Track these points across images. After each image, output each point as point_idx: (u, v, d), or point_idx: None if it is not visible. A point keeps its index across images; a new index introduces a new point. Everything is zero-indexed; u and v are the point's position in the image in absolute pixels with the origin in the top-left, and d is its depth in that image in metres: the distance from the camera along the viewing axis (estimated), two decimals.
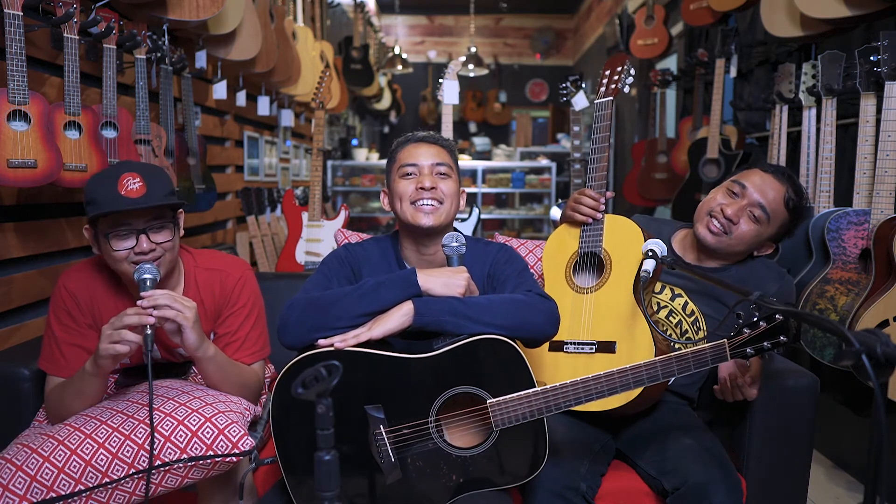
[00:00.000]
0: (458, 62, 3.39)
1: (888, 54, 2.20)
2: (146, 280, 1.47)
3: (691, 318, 1.83)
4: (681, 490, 1.56)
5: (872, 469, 0.98)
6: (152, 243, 1.53)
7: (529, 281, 1.59)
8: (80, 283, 1.64)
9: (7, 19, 1.76)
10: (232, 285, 1.70)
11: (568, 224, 1.89)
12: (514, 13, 9.92)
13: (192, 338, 1.47)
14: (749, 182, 1.81)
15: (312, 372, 0.91)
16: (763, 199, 1.78)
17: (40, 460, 1.37)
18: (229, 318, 1.70)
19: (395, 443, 1.40)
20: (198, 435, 1.42)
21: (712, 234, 1.81)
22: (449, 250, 1.56)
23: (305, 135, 5.66)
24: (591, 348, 1.74)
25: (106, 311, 1.62)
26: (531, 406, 1.39)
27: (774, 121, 3.21)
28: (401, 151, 1.67)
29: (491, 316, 1.42)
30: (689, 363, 1.43)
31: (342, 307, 1.44)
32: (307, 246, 3.73)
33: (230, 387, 1.61)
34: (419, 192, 1.59)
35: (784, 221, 1.82)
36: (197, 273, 1.70)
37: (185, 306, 1.46)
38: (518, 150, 8.27)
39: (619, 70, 1.92)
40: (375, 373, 1.39)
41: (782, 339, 1.39)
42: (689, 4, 4.06)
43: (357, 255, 1.66)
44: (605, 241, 1.80)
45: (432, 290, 1.46)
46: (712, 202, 1.83)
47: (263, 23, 3.50)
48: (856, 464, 2.68)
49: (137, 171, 1.51)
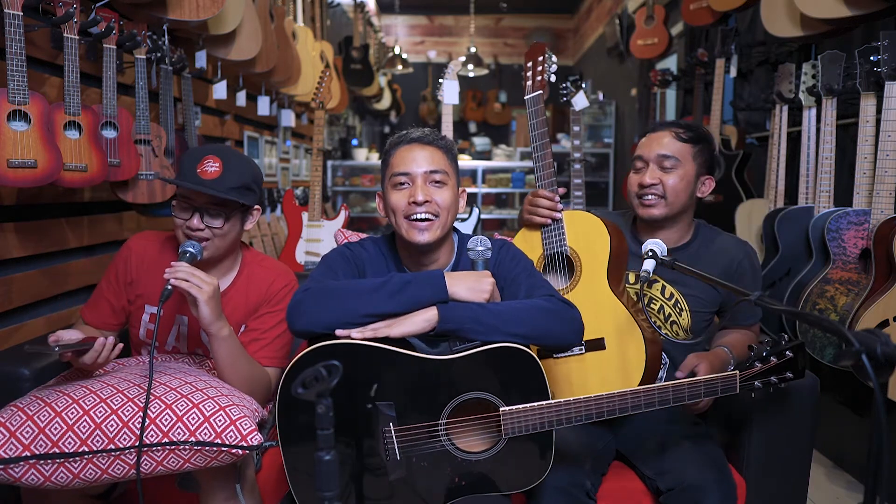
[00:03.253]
0: (458, 62, 3.39)
1: (888, 54, 2.20)
2: (186, 252, 1.59)
3: (671, 300, 1.84)
4: (674, 490, 1.57)
5: (872, 469, 0.98)
6: (202, 224, 1.63)
7: (542, 282, 1.57)
8: (142, 246, 1.77)
9: (7, 19, 1.76)
10: (278, 288, 1.77)
11: (527, 228, 1.89)
12: (514, 13, 9.91)
13: (205, 311, 1.52)
14: (642, 150, 1.87)
15: (312, 372, 0.91)
16: (660, 150, 1.83)
17: (52, 414, 1.38)
18: (265, 315, 1.75)
19: (402, 442, 1.39)
20: (210, 421, 1.42)
21: (651, 207, 1.83)
22: (475, 254, 1.54)
23: (305, 135, 5.66)
24: (580, 349, 1.74)
25: (148, 282, 1.74)
26: (543, 417, 1.39)
27: (774, 121, 3.21)
28: (394, 155, 1.59)
29: (515, 325, 1.40)
30: (699, 391, 1.49)
31: (366, 302, 1.41)
32: (307, 246, 3.73)
33: (237, 376, 1.61)
34: (412, 206, 1.52)
35: (695, 151, 1.84)
36: (253, 268, 1.79)
37: (204, 281, 1.52)
38: (518, 150, 8.27)
39: (541, 60, 1.89)
40: (391, 370, 1.38)
41: (788, 375, 1.49)
42: (689, 4, 4.06)
43: (360, 255, 1.63)
44: (570, 239, 1.80)
45: (457, 295, 1.44)
46: (632, 186, 1.88)
47: (263, 23, 3.50)
48: (856, 464, 2.68)
49: (220, 156, 1.63)
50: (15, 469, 1.35)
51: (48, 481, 1.37)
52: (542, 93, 1.87)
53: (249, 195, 1.67)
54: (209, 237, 1.64)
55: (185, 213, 1.63)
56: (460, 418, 1.42)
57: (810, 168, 2.92)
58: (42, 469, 1.36)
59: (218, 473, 1.51)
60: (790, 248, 2.78)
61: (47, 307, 2.25)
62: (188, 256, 1.58)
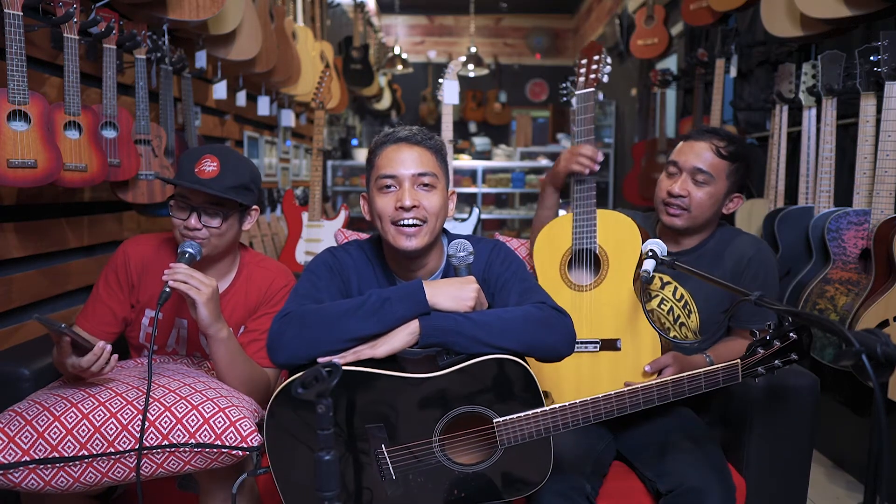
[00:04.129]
0: (458, 62, 3.39)
1: (888, 54, 2.20)
2: (185, 253, 1.57)
3: (681, 302, 1.83)
4: (674, 492, 1.56)
5: (872, 469, 0.98)
6: (200, 224, 1.61)
7: (535, 287, 1.52)
8: (139, 250, 1.73)
9: (7, 19, 1.76)
10: (278, 288, 1.76)
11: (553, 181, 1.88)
12: (514, 13, 9.92)
13: (204, 313, 1.50)
14: (678, 156, 1.85)
15: (312, 372, 0.92)
16: (696, 163, 1.81)
17: (51, 419, 1.38)
18: (265, 316, 1.73)
19: (396, 462, 1.37)
20: (209, 423, 1.41)
21: (675, 217, 1.83)
22: (456, 261, 1.47)
23: (305, 135, 5.66)
24: (594, 346, 1.74)
25: (150, 285, 1.71)
26: (539, 425, 1.36)
27: (774, 121, 3.21)
28: (379, 156, 1.50)
29: (501, 337, 1.35)
30: (700, 383, 1.44)
31: (345, 326, 1.36)
32: (307, 246, 3.73)
33: (236, 377, 1.60)
34: (399, 211, 1.45)
35: (731, 170, 1.82)
36: (252, 269, 1.78)
37: (203, 283, 1.50)
38: (518, 150, 8.27)
39: (596, 59, 1.89)
40: (378, 392, 1.35)
41: (793, 356, 1.41)
42: (689, 4, 4.06)
43: (345, 263, 1.57)
44: (600, 237, 1.79)
45: (439, 305, 1.38)
46: (660, 191, 1.87)
47: (263, 23, 3.50)
48: (856, 464, 2.68)
49: (218, 156, 1.62)
50: (14, 474, 1.34)
51: (48, 486, 1.37)
52: (594, 91, 1.87)
53: (247, 195, 1.66)
54: (207, 237, 1.63)
55: (183, 212, 1.62)
56: (455, 433, 1.39)
57: (810, 168, 2.92)
58: (42, 474, 1.36)
59: (217, 474, 1.50)
60: (790, 248, 2.78)
61: (47, 307, 2.25)
62: (187, 257, 1.57)
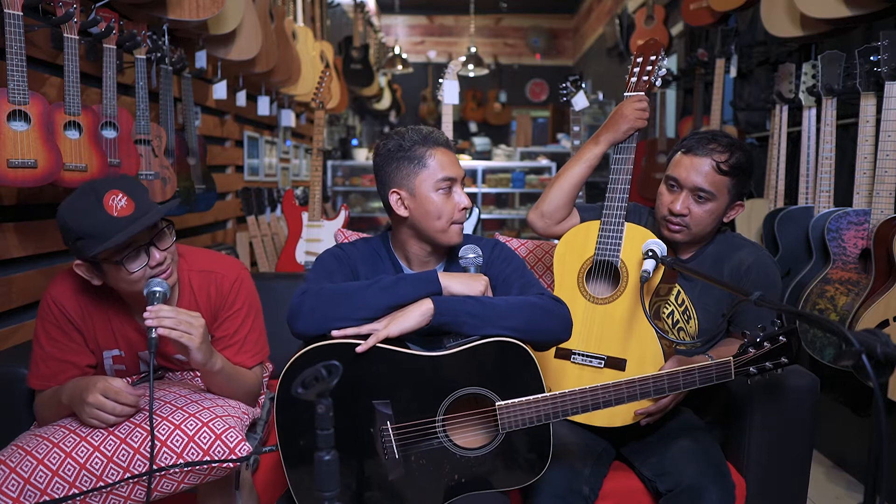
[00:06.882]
0: (458, 62, 3.39)
1: (888, 54, 2.20)
2: (156, 293, 1.44)
3: (682, 307, 1.83)
4: (674, 492, 1.56)
5: (872, 469, 0.98)
6: (163, 252, 1.50)
7: (534, 281, 1.58)
8: (69, 297, 1.57)
9: (7, 19, 1.76)
10: (228, 288, 1.66)
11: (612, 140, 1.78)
12: (514, 13, 9.92)
13: (198, 357, 1.44)
14: (678, 172, 1.79)
15: (312, 372, 0.91)
16: (697, 181, 1.75)
17: (34, 463, 1.37)
18: (226, 321, 1.67)
19: (400, 439, 1.40)
20: (194, 440, 1.41)
21: (676, 233, 1.81)
22: (465, 262, 1.56)
23: (305, 135, 5.66)
24: (599, 362, 1.72)
25: (101, 328, 1.60)
26: (539, 411, 1.39)
27: (774, 121, 3.21)
28: (433, 157, 1.53)
29: (508, 319, 1.41)
30: (694, 378, 1.48)
31: (361, 299, 1.41)
32: (307, 246, 3.73)
33: (234, 396, 1.60)
34: (462, 212, 1.54)
35: (732, 183, 1.77)
36: (191, 276, 1.64)
37: (192, 325, 1.41)
38: (518, 150, 8.26)
39: (653, 59, 1.77)
40: (386, 368, 1.39)
41: (784, 360, 1.47)
42: (689, 4, 4.06)
43: (352, 255, 1.61)
44: (624, 252, 1.73)
45: (451, 288, 1.45)
46: (661, 206, 1.83)
47: (263, 23, 3.50)
48: (856, 464, 2.68)
49: (116, 187, 1.44)
50: None
51: None
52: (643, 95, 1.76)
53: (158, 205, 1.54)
54: (170, 264, 1.52)
55: (140, 258, 1.46)
56: (457, 414, 1.43)
57: (810, 168, 2.92)
58: None
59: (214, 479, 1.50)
60: (790, 248, 2.78)
61: None
62: (158, 296, 1.44)
